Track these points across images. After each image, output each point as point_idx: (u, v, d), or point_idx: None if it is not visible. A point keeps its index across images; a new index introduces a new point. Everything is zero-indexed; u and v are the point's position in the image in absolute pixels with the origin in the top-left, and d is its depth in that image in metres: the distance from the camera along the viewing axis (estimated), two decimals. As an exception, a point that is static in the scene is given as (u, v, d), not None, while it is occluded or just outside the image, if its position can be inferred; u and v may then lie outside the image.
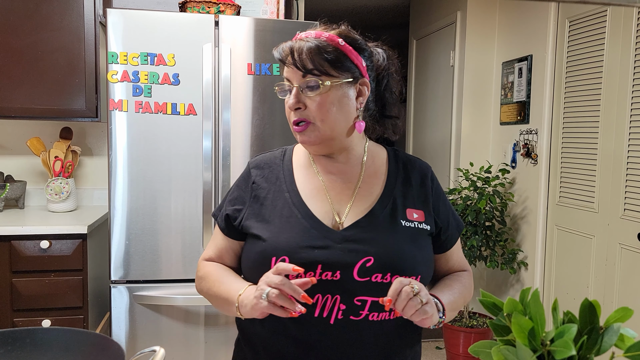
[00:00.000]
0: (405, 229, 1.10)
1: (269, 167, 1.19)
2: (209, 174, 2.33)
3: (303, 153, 1.21)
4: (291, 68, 1.07)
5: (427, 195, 1.17)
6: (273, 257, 1.06)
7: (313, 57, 1.05)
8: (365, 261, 1.04)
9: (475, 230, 3.19)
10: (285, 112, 1.13)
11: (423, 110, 4.35)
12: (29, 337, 0.94)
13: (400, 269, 1.04)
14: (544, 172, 3.08)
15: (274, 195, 1.14)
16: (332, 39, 1.08)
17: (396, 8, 5.09)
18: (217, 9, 2.46)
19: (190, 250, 2.35)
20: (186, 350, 2.37)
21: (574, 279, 2.86)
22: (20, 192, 2.83)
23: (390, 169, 1.18)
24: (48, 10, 2.57)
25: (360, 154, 1.18)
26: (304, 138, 1.10)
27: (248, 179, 1.19)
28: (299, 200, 1.12)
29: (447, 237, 1.20)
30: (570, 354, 0.64)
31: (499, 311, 0.77)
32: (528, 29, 3.22)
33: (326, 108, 1.07)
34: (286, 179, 1.16)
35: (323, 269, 1.03)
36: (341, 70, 1.08)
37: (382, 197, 1.13)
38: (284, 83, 1.11)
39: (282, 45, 1.10)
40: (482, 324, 3.28)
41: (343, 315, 1.04)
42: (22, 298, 2.35)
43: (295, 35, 1.12)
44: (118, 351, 0.86)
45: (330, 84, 1.06)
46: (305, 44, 1.06)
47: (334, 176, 1.16)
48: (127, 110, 2.26)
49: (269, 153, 1.24)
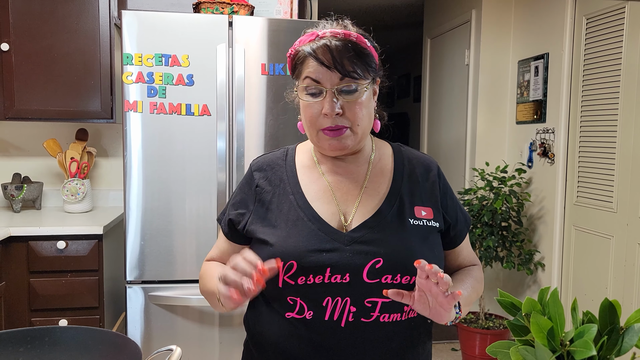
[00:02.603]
0: (414, 227, 1.08)
1: (271, 169, 1.16)
2: (223, 174, 2.34)
3: (306, 153, 1.18)
4: (329, 69, 1.01)
5: (435, 191, 1.15)
6: (281, 263, 1.03)
7: (352, 59, 1.02)
8: (374, 262, 1.02)
9: (492, 230, 3.16)
10: (307, 117, 1.07)
11: (438, 109, 4.32)
12: (48, 336, 0.95)
13: (410, 269, 1.02)
14: (561, 171, 3.04)
15: (279, 198, 1.12)
16: (360, 38, 1.05)
17: (410, 7, 5.07)
18: (230, 10, 2.46)
19: (205, 251, 2.35)
20: (201, 350, 2.38)
21: (592, 280, 2.82)
22: (37, 193, 2.86)
23: (396, 166, 1.16)
24: (64, 13, 2.60)
25: (368, 153, 1.16)
26: (339, 145, 1.06)
27: (251, 182, 1.16)
28: (304, 203, 1.09)
29: (456, 232, 1.18)
30: (591, 354, 0.63)
31: (517, 311, 0.76)
32: (544, 27, 3.19)
33: (362, 112, 1.05)
34: (290, 180, 1.13)
35: (332, 272, 1.02)
36: (371, 72, 1.06)
37: (389, 195, 1.11)
38: (311, 85, 1.04)
39: (311, 43, 1.04)
40: (498, 325, 3.25)
41: (354, 317, 1.03)
42: (39, 298, 2.38)
43: (311, 32, 1.07)
44: (135, 350, 0.86)
45: (366, 87, 1.05)
46: (341, 42, 1.02)
47: (340, 177, 1.13)
48: (142, 111, 2.27)
49: (270, 154, 1.21)
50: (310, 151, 1.18)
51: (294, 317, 1.05)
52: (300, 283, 1.02)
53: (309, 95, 1.05)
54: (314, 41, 1.04)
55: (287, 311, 1.06)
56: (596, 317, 0.73)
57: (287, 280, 1.03)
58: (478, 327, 3.19)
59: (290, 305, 1.05)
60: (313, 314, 1.04)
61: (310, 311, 1.04)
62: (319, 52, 1.02)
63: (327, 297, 1.02)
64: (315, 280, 1.01)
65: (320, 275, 1.02)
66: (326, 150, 1.09)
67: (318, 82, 1.03)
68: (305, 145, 1.21)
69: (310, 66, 1.04)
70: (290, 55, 1.10)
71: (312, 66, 1.03)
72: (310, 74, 1.04)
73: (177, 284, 2.35)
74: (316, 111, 1.04)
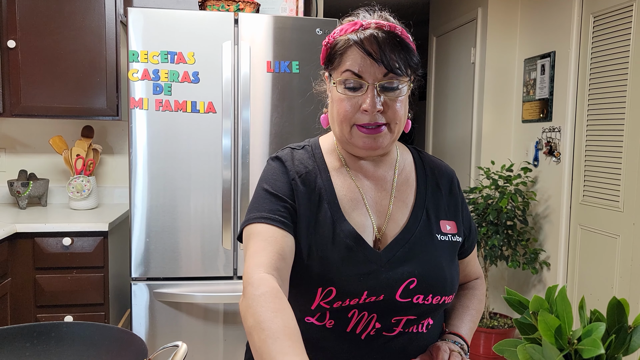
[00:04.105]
0: (441, 243, 1.04)
1: (304, 167, 1.04)
2: (228, 172, 2.34)
3: (333, 154, 1.08)
4: (375, 61, 0.94)
5: (457, 203, 1.10)
6: (319, 288, 0.97)
7: (400, 54, 0.94)
8: (408, 283, 0.98)
9: (497, 229, 3.15)
10: (341, 111, 0.98)
11: (443, 108, 4.31)
12: (54, 331, 0.95)
13: (440, 289, 1.00)
14: (567, 170, 3.03)
15: (313, 204, 1.01)
16: (405, 34, 0.98)
17: (416, 5, 5.06)
18: (236, 7, 2.46)
19: (210, 248, 2.36)
20: (205, 347, 2.38)
21: (598, 280, 2.80)
22: (43, 189, 2.87)
23: (419, 175, 1.10)
24: (70, 10, 2.61)
25: (394, 157, 1.10)
26: (374, 143, 0.99)
27: (287, 174, 1.03)
28: (340, 216, 1.00)
29: (469, 244, 1.15)
30: (599, 352, 0.63)
31: (525, 309, 0.75)
32: (551, 25, 3.17)
33: (403, 111, 0.99)
34: (325, 185, 1.03)
35: (368, 295, 0.97)
36: (414, 70, 0.99)
37: (416, 207, 1.05)
38: (352, 79, 0.96)
39: (357, 32, 0.96)
40: (502, 324, 3.24)
41: (376, 332, 1.00)
42: (45, 294, 2.39)
43: (353, 21, 0.98)
44: (141, 346, 0.86)
45: (409, 85, 0.98)
46: (388, 36, 0.94)
47: (369, 182, 1.06)
48: (147, 108, 2.28)
49: (294, 151, 1.08)
50: (336, 150, 1.08)
51: (314, 322, 1.01)
52: (335, 307, 0.97)
53: (348, 89, 0.97)
54: (358, 31, 0.96)
55: (308, 316, 1.01)
56: (604, 316, 0.72)
57: (322, 305, 0.98)
58: (483, 326, 3.18)
59: (312, 311, 1.00)
60: (334, 323, 1.00)
61: (332, 320, 0.99)
62: (366, 42, 0.94)
63: (354, 310, 0.98)
64: (351, 302, 0.97)
65: (357, 299, 0.97)
66: (358, 148, 1.01)
67: (359, 75, 0.95)
68: (328, 142, 1.10)
69: (353, 57, 0.96)
70: (329, 44, 1.01)
71: (355, 57, 0.95)
72: (351, 67, 0.96)
73: (182, 281, 2.35)
74: (353, 106, 0.96)
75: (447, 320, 1.16)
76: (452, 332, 1.10)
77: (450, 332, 1.10)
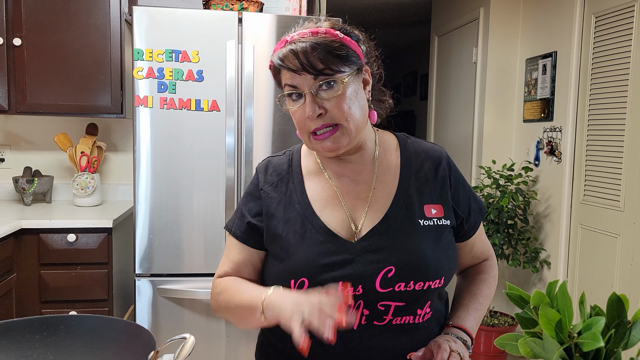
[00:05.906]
0: (424, 228, 1.04)
1: (277, 175, 1.13)
2: (231, 169, 2.35)
3: (310, 157, 1.15)
4: (298, 73, 0.99)
5: (445, 186, 1.10)
6: (292, 280, 1.01)
7: (321, 56, 0.98)
8: (386, 272, 1.00)
9: (498, 228, 3.17)
10: (296, 123, 1.05)
11: (445, 107, 4.32)
12: (64, 324, 0.97)
13: (423, 275, 1.01)
14: (568, 170, 3.04)
15: (285, 207, 1.08)
16: (330, 32, 1.01)
17: (418, 5, 5.06)
18: (240, 6, 2.48)
19: (212, 245, 2.37)
20: (208, 343, 2.40)
21: (598, 279, 2.82)
22: (47, 186, 2.89)
23: (403, 161, 1.11)
24: (75, 8, 2.62)
25: (372, 149, 1.12)
26: (332, 145, 1.02)
27: (257, 186, 1.13)
28: (311, 213, 1.06)
29: (470, 224, 1.14)
30: (598, 345, 0.64)
31: (526, 304, 0.77)
32: (553, 25, 3.19)
33: (348, 106, 1.00)
34: (296, 188, 1.10)
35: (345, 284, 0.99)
36: (349, 63, 1.01)
37: (397, 195, 1.07)
38: (290, 92, 1.02)
39: (278, 52, 1.02)
40: (503, 322, 3.26)
41: (366, 320, 1.01)
42: (50, 290, 2.41)
43: (281, 39, 1.05)
44: (149, 338, 0.88)
45: (345, 80, 1.00)
46: (307, 43, 0.98)
47: (347, 179, 1.10)
48: (151, 106, 2.29)
49: (275, 158, 1.17)
50: (314, 154, 1.15)
51: None
52: None
53: (294, 101, 1.02)
54: (282, 49, 1.02)
55: None
56: (604, 311, 0.74)
57: None
58: (483, 324, 3.20)
59: None
60: None
61: None
62: (287, 59, 1.00)
63: None
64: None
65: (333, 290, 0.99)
66: (322, 152, 1.05)
67: (296, 87, 1.01)
68: None
69: (285, 74, 1.02)
70: (270, 68, 1.08)
71: (285, 72, 1.02)
72: (287, 81, 1.02)
73: (185, 277, 2.37)
74: (301, 115, 1.02)
75: (452, 310, 1.16)
76: (455, 325, 1.10)
77: (454, 326, 1.09)
